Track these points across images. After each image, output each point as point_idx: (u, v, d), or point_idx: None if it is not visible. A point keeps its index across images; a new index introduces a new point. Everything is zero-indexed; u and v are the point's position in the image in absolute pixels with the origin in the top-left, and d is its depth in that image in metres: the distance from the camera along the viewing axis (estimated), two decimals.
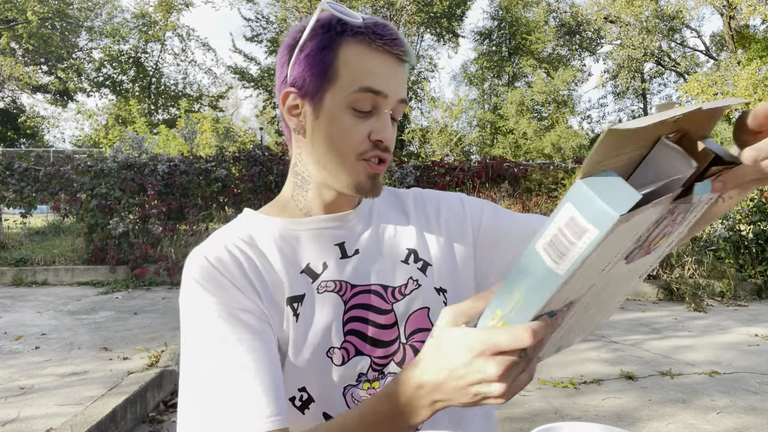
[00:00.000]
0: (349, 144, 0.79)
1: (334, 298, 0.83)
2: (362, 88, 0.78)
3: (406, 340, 0.86)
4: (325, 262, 0.84)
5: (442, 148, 16.96)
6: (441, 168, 7.77)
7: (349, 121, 0.79)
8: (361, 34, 0.78)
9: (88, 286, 7.15)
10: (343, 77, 0.78)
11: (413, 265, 0.90)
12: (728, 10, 20.65)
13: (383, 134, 0.79)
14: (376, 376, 0.83)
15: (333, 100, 0.79)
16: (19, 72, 21.46)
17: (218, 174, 7.58)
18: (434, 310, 0.90)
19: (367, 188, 0.82)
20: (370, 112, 0.79)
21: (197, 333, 0.74)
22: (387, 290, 0.87)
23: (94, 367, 3.63)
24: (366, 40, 0.78)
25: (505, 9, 24.82)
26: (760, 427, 2.86)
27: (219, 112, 22.78)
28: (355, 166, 0.80)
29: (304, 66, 0.80)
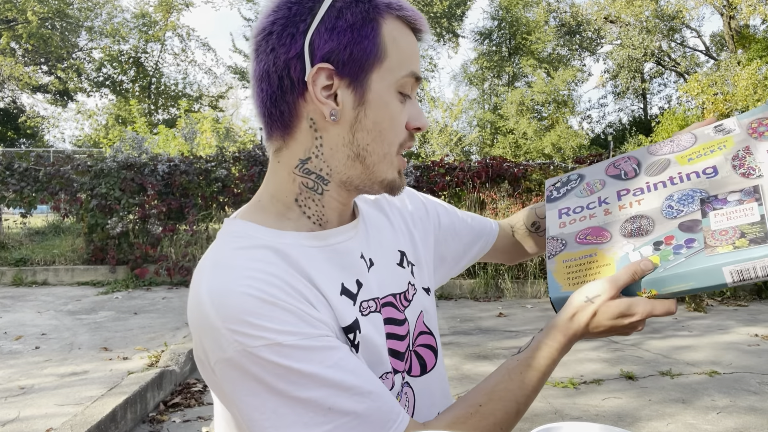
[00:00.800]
0: (396, 134, 0.71)
1: (377, 318, 0.76)
2: (412, 73, 0.71)
3: (412, 347, 0.83)
4: (358, 279, 0.75)
5: (442, 148, 16.95)
6: (441, 168, 7.77)
7: (396, 107, 0.71)
8: (404, 10, 0.72)
9: (88, 286, 7.15)
10: (392, 57, 0.69)
11: (407, 269, 0.86)
12: (728, 10, 20.64)
13: (423, 120, 0.74)
14: (400, 390, 0.78)
15: (381, 83, 0.69)
16: (19, 72, 21.44)
17: (218, 174, 7.58)
18: (426, 311, 0.86)
19: (399, 185, 0.75)
20: (407, 96, 0.73)
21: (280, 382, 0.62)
22: (397, 298, 0.82)
23: (94, 367, 3.63)
24: (406, 18, 0.72)
25: (505, 9, 24.81)
26: (760, 427, 2.86)
27: (219, 112, 22.77)
28: (394, 160, 0.73)
29: (348, 38, 0.66)
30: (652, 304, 0.73)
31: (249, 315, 0.61)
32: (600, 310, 0.72)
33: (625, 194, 0.86)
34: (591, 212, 0.87)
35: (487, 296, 6.53)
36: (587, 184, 0.92)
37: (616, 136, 22.78)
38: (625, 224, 0.81)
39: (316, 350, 0.62)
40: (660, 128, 16.84)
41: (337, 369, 0.63)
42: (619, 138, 21.12)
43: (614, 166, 0.92)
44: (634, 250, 0.77)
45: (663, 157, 0.88)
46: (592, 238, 0.83)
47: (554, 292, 0.80)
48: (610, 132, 25.55)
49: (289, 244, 0.70)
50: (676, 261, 0.72)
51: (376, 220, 0.85)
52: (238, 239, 0.69)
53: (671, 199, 0.80)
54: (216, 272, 0.65)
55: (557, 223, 0.89)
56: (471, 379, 3.61)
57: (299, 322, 0.63)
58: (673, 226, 0.77)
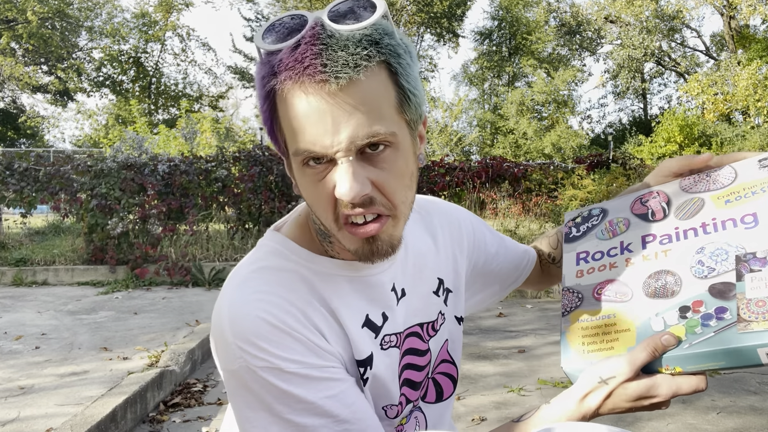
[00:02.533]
0: (321, 208, 0.65)
1: (395, 353, 0.76)
2: (297, 152, 0.62)
3: (431, 374, 0.83)
4: (384, 312, 0.74)
5: (442, 148, 16.96)
6: (441, 168, 7.77)
7: (309, 182, 0.64)
8: (288, 77, 0.58)
9: (88, 286, 7.15)
10: (285, 137, 0.64)
11: (441, 297, 0.84)
12: (728, 10, 20.65)
13: (339, 190, 0.60)
14: (407, 415, 0.80)
15: (294, 161, 0.65)
16: (19, 72, 21.45)
17: (218, 174, 7.58)
18: (452, 339, 0.86)
19: (365, 255, 0.66)
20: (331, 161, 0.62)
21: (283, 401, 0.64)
22: (423, 328, 0.81)
23: (94, 367, 3.63)
24: (291, 75, 0.58)
25: (506, 9, 24.82)
26: (760, 427, 2.86)
27: (219, 112, 22.78)
28: (340, 236, 0.66)
29: (265, 126, 0.67)
30: (677, 383, 0.66)
31: (258, 338, 0.64)
32: (615, 392, 0.66)
33: (650, 242, 0.76)
34: (611, 261, 0.78)
35: None
36: (609, 223, 0.83)
37: (616, 136, 22.78)
38: (649, 280, 0.72)
39: (316, 380, 0.65)
40: (660, 128, 16.83)
41: (335, 401, 0.65)
42: (619, 138, 21.11)
43: (641, 203, 0.82)
44: (657, 315, 0.69)
45: (696, 196, 0.78)
46: (610, 295, 0.74)
47: (567, 362, 0.73)
48: (610, 132, 25.56)
49: (319, 271, 0.71)
50: (704, 336, 0.64)
51: (421, 245, 0.83)
52: (271, 257, 0.72)
53: (702, 253, 0.71)
54: (239, 290, 0.68)
55: (574, 272, 0.81)
56: (471, 379, 3.62)
57: (306, 351, 0.65)
58: (702, 288, 0.67)
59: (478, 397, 3.31)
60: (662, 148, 16.02)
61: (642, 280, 0.73)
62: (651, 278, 0.72)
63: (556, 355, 4.09)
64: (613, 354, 0.69)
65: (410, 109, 0.64)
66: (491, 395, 3.31)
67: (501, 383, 3.53)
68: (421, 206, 0.89)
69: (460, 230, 0.90)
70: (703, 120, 16.84)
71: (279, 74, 0.59)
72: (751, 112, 17.23)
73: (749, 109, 17.23)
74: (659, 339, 0.65)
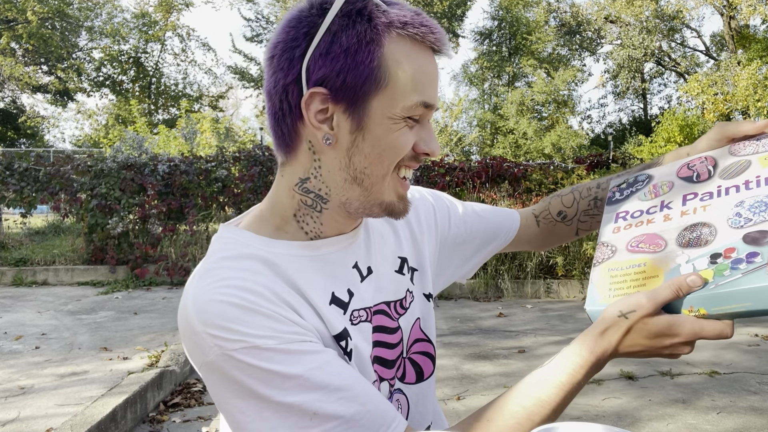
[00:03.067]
0: (397, 156, 0.68)
1: (366, 327, 0.76)
2: (420, 103, 0.67)
3: (406, 354, 0.83)
4: (349, 288, 0.75)
5: (442, 148, 16.96)
6: (441, 168, 7.77)
7: (400, 132, 0.67)
8: (410, 26, 0.65)
9: (88, 286, 7.15)
10: (397, 83, 0.65)
11: (407, 276, 0.85)
12: (728, 10, 20.64)
13: (434, 146, 0.70)
14: (389, 397, 0.79)
15: (383, 109, 0.66)
16: (19, 72, 21.46)
17: (218, 174, 7.58)
18: (424, 317, 0.86)
19: (399, 210, 0.73)
20: (416, 120, 0.69)
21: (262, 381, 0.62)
22: (390, 306, 0.81)
23: (94, 367, 3.63)
24: (416, 36, 0.66)
25: (506, 9, 24.80)
26: (760, 427, 2.86)
27: (219, 112, 22.78)
28: (391, 183, 0.70)
29: (342, 63, 0.64)
30: (700, 324, 0.63)
31: (228, 321, 0.62)
32: (635, 327, 0.64)
33: (691, 199, 0.76)
34: (650, 217, 0.77)
35: (487, 296, 6.53)
36: (654, 186, 0.83)
37: (616, 136, 22.77)
38: (684, 232, 0.72)
39: (297, 353, 0.62)
40: (660, 128, 16.82)
41: (322, 371, 0.63)
42: (619, 138, 21.10)
43: (688, 167, 0.82)
44: (687, 262, 0.68)
45: (744, 158, 0.77)
46: (644, 246, 0.74)
47: (591, 303, 0.72)
48: (610, 132, 25.55)
49: (279, 253, 0.70)
50: (732, 277, 0.62)
51: (380, 228, 0.85)
52: (229, 247, 0.71)
53: (741, 206, 0.70)
54: (201, 281, 0.66)
55: (611, 228, 0.80)
56: (471, 379, 3.61)
57: (280, 326, 0.63)
58: (737, 237, 0.66)
59: (478, 397, 3.31)
60: (662, 148, 16.01)
61: (677, 233, 0.72)
62: (686, 230, 0.71)
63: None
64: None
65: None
66: (491, 395, 3.31)
67: (501, 383, 3.53)
68: None
69: (416, 210, 0.91)
70: (703, 120, 16.83)
71: (414, 25, 0.66)
72: (751, 112, 17.23)
73: (749, 109, 17.22)
74: (684, 279, 0.63)
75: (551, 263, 6.70)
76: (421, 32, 0.65)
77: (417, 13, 0.66)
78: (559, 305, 6.02)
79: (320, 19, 0.65)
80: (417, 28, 0.65)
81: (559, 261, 6.60)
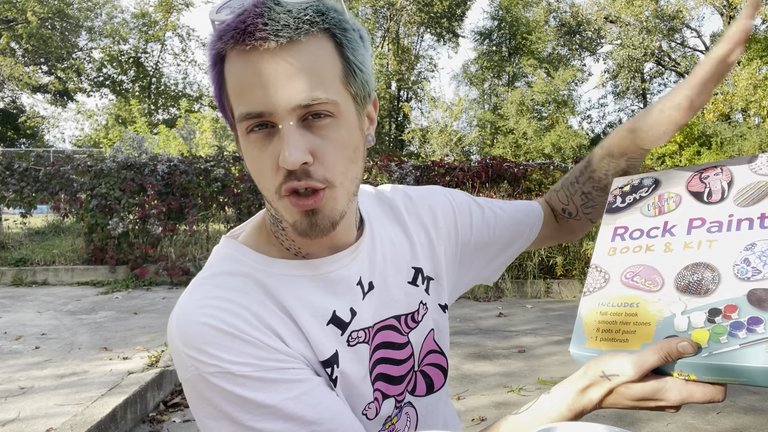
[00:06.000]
0: (264, 179, 0.64)
1: (364, 348, 0.73)
2: (241, 116, 0.62)
3: (418, 367, 0.81)
4: (352, 307, 0.72)
5: (442, 148, 16.96)
6: (441, 168, 7.77)
7: (253, 150, 0.63)
8: (221, 41, 0.61)
9: (88, 286, 7.15)
10: (231, 98, 0.63)
11: (421, 287, 0.82)
12: (728, 10, 20.65)
13: (282, 158, 0.60)
14: (396, 412, 0.78)
15: (239, 129, 0.64)
16: (19, 72, 21.47)
17: (218, 174, 7.58)
18: (438, 329, 0.84)
19: (303, 229, 0.64)
20: (272, 129, 0.62)
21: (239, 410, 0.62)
22: (401, 320, 0.79)
23: (94, 367, 3.63)
24: (237, 43, 0.60)
25: (505, 9, 24.82)
26: (759, 426, 2.86)
27: (219, 112, 22.79)
28: (280, 205, 0.65)
29: (214, 91, 0.67)
30: (689, 390, 0.58)
31: (205, 344, 0.62)
32: (617, 391, 0.61)
33: (697, 227, 0.67)
34: (649, 243, 0.70)
35: (487, 296, 6.53)
36: (659, 198, 0.74)
37: None
38: (684, 272, 0.64)
39: (273, 382, 0.62)
40: None
41: (298, 402, 0.63)
42: None
43: (700, 179, 0.72)
44: (682, 313, 0.61)
45: (764, 180, 0.66)
46: (639, 281, 0.67)
47: (576, 344, 0.67)
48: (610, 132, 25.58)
49: (275, 273, 0.69)
50: (728, 347, 0.56)
51: (391, 236, 0.81)
52: (224, 262, 0.71)
53: (751, 251, 0.61)
54: (188, 297, 0.67)
55: (607, 248, 0.73)
56: (471, 379, 3.62)
57: (259, 353, 0.63)
58: (741, 291, 0.59)
59: (478, 397, 3.31)
60: (662, 147, 16.02)
61: (677, 271, 0.65)
62: (687, 270, 0.64)
63: (556, 355, 4.09)
64: (626, 348, 0.64)
65: (356, 83, 0.64)
66: (491, 395, 3.31)
67: (501, 383, 3.53)
68: (386, 196, 0.85)
69: (435, 216, 0.87)
70: (703, 120, 16.84)
71: (223, 38, 0.61)
72: (750, 112, 17.24)
73: (749, 109, 17.23)
74: (675, 345, 0.58)
75: (551, 263, 6.70)
76: (235, 38, 0.60)
77: (239, 14, 0.60)
78: (559, 305, 6.02)
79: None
80: (238, 33, 0.59)
81: (559, 261, 6.60)
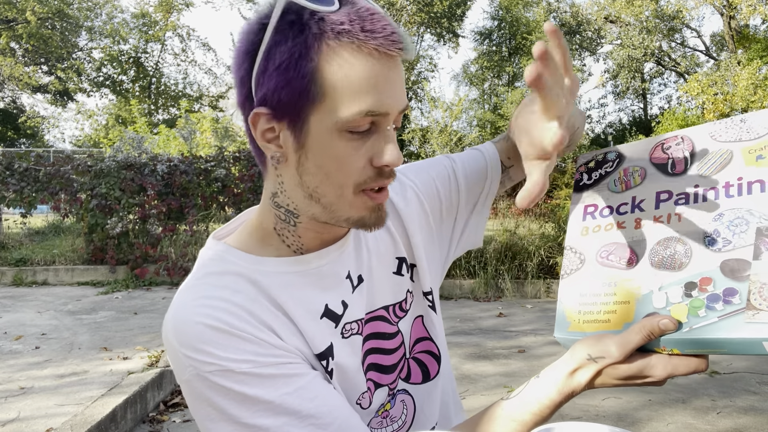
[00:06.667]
0: (347, 175, 0.64)
1: (357, 340, 0.74)
2: (363, 113, 0.61)
3: (409, 354, 0.82)
4: (343, 300, 0.73)
5: (442, 148, 16.95)
6: None
7: (345, 148, 0.63)
8: (345, 35, 0.60)
9: (88, 286, 7.15)
10: (334, 96, 0.61)
11: (406, 276, 0.83)
12: (728, 10, 20.64)
13: (389, 157, 0.64)
14: (389, 400, 0.79)
15: (321, 124, 0.62)
16: (19, 72, 21.46)
17: (218, 174, 7.58)
18: (426, 315, 0.85)
19: (371, 223, 0.69)
20: (368, 130, 0.64)
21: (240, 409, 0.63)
22: (389, 310, 0.80)
23: (94, 367, 3.63)
24: (354, 40, 0.60)
25: (505, 9, 24.81)
26: (759, 427, 2.86)
27: (219, 112, 22.77)
28: (354, 200, 0.66)
29: (276, 81, 0.61)
30: (673, 364, 0.63)
31: (203, 343, 0.62)
32: (605, 372, 0.64)
33: (665, 200, 0.69)
34: (620, 219, 0.71)
35: (487, 296, 6.53)
36: (624, 172, 0.75)
37: (616, 136, 22.79)
38: (657, 247, 0.66)
39: (271, 378, 0.63)
40: (660, 128, 16.84)
41: (296, 397, 0.63)
42: (619, 138, 21.12)
43: (662, 149, 0.73)
44: (660, 289, 0.63)
45: (725, 147, 0.68)
46: (614, 259, 0.69)
47: (560, 329, 0.69)
48: (610, 132, 25.55)
49: (265, 271, 0.69)
50: (707, 320, 0.58)
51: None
52: (213, 263, 0.70)
53: (719, 221, 0.62)
54: (182, 298, 0.67)
55: (579, 228, 0.74)
56: (471, 379, 3.62)
57: (256, 349, 0.63)
58: (714, 263, 0.61)
59: (478, 397, 3.31)
60: None
61: (650, 247, 0.66)
62: (659, 245, 0.66)
63: (556, 355, 4.10)
64: (609, 328, 0.65)
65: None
66: (491, 395, 3.31)
67: (501, 383, 3.53)
68: None
69: (406, 200, 0.87)
70: (703, 120, 16.84)
71: (351, 33, 0.60)
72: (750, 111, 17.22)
73: (749, 109, 17.23)
74: (657, 323, 0.61)
75: (551, 263, 6.70)
76: (360, 38, 0.60)
77: (361, 17, 0.60)
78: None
79: (259, 35, 0.63)
80: (354, 35, 0.59)
81: (559, 261, 6.60)
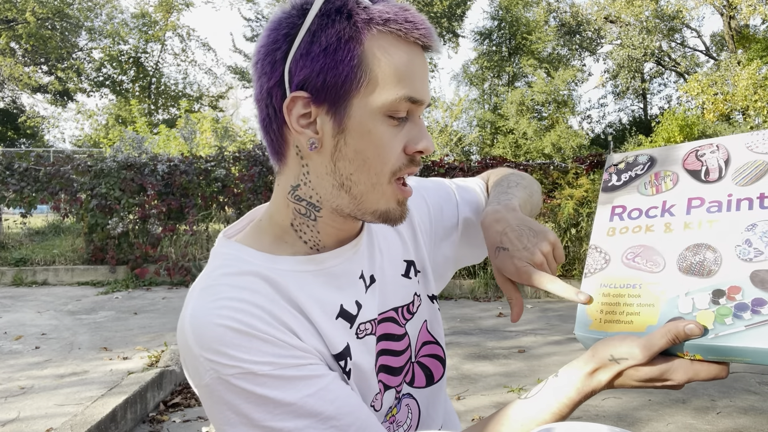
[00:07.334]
0: (384, 162, 0.65)
1: (371, 340, 0.74)
2: (404, 97, 0.64)
3: (415, 358, 0.82)
4: (357, 300, 0.73)
5: (442, 148, 16.95)
6: (441, 168, 7.77)
7: (384, 133, 0.65)
8: (392, 23, 0.63)
9: (88, 286, 7.15)
10: (377, 79, 0.63)
11: (414, 279, 0.83)
12: (728, 10, 20.64)
13: (425, 143, 0.66)
14: (396, 404, 0.79)
15: (364, 109, 0.64)
16: (19, 72, 21.46)
17: (218, 174, 7.58)
18: (430, 320, 0.86)
19: (396, 216, 0.69)
20: (404, 117, 0.66)
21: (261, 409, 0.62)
22: (398, 312, 0.80)
23: (94, 367, 3.63)
24: (399, 31, 0.64)
25: (505, 9, 24.80)
26: (759, 427, 2.86)
27: (219, 112, 22.78)
28: (386, 190, 0.67)
29: (322, 63, 0.62)
30: (695, 369, 0.61)
31: (224, 346, 0.61)
32: (626, 373, 0.64)
33: (697, 207, 0.67)
34: (649, 223, 0.69)
35: (487, 296, 6.53)
36: (655, 176, 0.73)
37: (616, 136, 22.78)
38: (686, 253, 0.64)
39: (292, 379, 0.62)
40: (660, 128, 16.83)
41: (317, 399, 0.63)
42: (619, 138, 21.11)
43: (696, 156, 0.71)
44: (687, 294, 0.62)
45: (761, 158, 0.66)
46: (641, 262, 0.67)
47: (581, 327, 0.68)
48: (610, 132, 25.55)
49: (281, 270, 0.68)
50: (733, 328, 0.57)
51: (383, 230, 0.82)
52: (229, 263, 0.69)
53: (752, 231, 0.61)
54: (200, 300, 0.65)
55: (606, 228, 0.72)
56: (471, 379, 3.62)
57: (277, 351, 0.62)
58: (744, 273, 0.59)
59: (478, 397, 3.31)
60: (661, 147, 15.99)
61: (678, 252, 0.65)
62: (689, 251, 0.64)
63: (556, 355, 4.09)
64: (631, 330, 0.64)
65: None
66: (491, 395, 3.31)
67: (501, 383, 3.53)
68: None
69: (418, 208, 0.90)
70: (702, 120, 16.84)
71: (397, 21, 0.64)
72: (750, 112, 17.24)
73: (749, 109, 17.23)
74: (682, 327, 0.60)
75: None
76: (405, 28, 0.63)
77: (402, 8, 0.64)
78: (559, 305, 6.02)
79: (300, 20, 0.63)
80: (400, 24, 0.63)
81: None
